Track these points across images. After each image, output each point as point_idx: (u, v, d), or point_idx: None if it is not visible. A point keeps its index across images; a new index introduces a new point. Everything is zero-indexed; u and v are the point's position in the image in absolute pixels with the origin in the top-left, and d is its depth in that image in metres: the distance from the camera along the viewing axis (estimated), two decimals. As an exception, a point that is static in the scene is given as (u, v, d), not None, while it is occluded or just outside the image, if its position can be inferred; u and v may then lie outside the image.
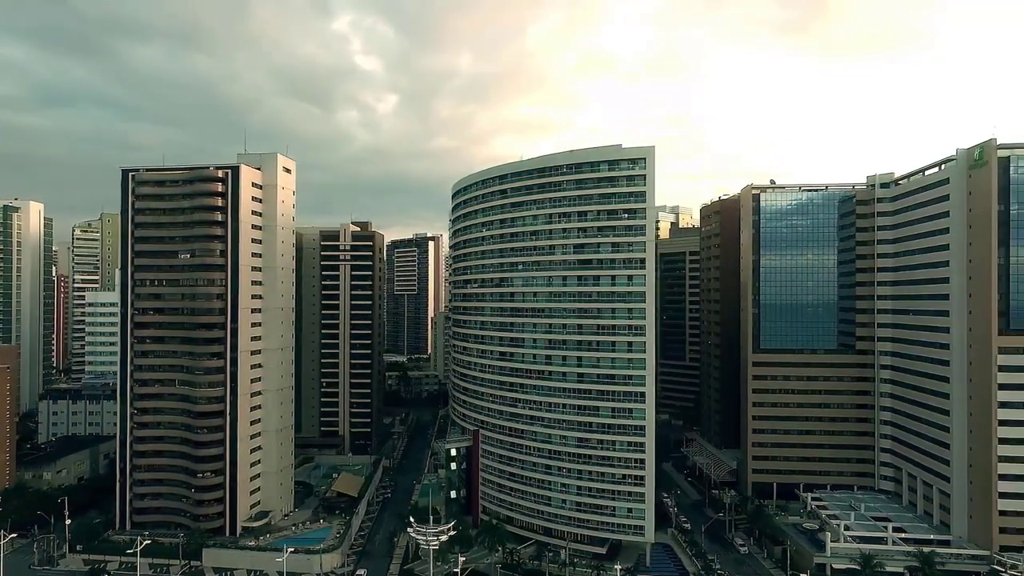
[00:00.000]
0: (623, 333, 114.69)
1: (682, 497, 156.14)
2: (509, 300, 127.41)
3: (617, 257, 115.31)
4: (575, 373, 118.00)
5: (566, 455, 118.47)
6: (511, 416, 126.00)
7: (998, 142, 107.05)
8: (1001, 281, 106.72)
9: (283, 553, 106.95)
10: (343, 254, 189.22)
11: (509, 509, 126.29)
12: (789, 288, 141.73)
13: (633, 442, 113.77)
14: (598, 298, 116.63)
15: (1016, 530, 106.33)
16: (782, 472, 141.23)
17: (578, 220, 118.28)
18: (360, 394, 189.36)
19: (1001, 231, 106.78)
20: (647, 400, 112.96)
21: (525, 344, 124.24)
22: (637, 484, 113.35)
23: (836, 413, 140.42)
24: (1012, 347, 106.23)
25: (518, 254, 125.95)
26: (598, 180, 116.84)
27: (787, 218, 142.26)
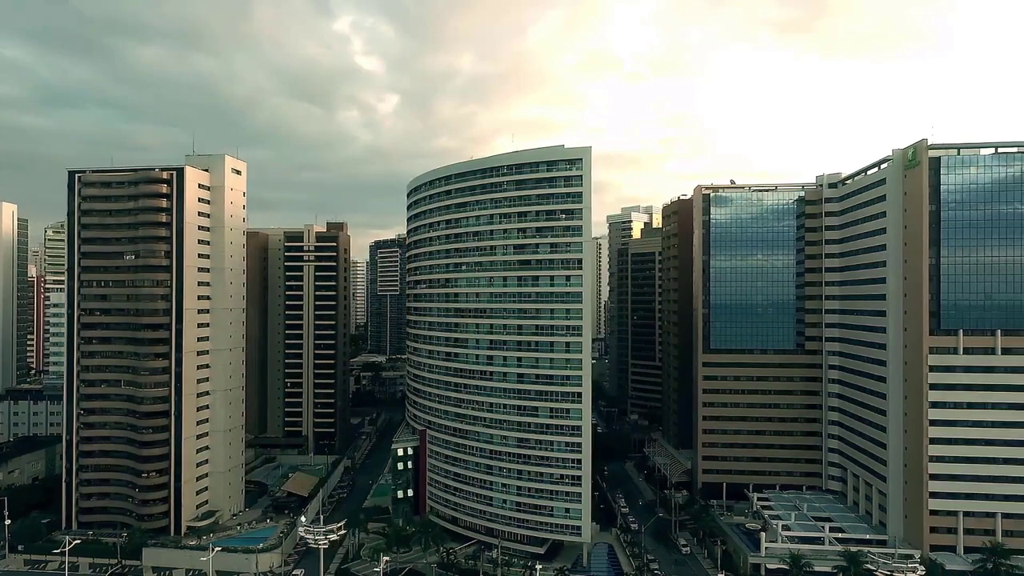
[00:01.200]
0: (560, 333, 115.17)
1: (638, 497, 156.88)
2: (454, 301, 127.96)
3: (555, 257, 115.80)
4: (515, 374, 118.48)
5: (506, 455, 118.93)
6: (455, 416, 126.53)
7: (929, 142, 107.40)
8: (932, 281, 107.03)
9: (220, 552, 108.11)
10: (307, 255, 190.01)
11: (454, 509, 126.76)
12: (739, 288, 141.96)
13: (570, 442, 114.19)
14: (536, 298, 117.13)
15: (947, 529, 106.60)
16: (732, 472, 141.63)
17: (518, 220, 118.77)
18: (324, 394, 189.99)
19: (932, 232, 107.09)
20: (583, 400, 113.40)
21: (468, 344, 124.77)
22: (574, 484, 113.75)
23: (786, 413, 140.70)
24: (942, 347, 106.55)
25: (462, 255, 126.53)
26: (537, 181, 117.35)
27: (737, 218, 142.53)
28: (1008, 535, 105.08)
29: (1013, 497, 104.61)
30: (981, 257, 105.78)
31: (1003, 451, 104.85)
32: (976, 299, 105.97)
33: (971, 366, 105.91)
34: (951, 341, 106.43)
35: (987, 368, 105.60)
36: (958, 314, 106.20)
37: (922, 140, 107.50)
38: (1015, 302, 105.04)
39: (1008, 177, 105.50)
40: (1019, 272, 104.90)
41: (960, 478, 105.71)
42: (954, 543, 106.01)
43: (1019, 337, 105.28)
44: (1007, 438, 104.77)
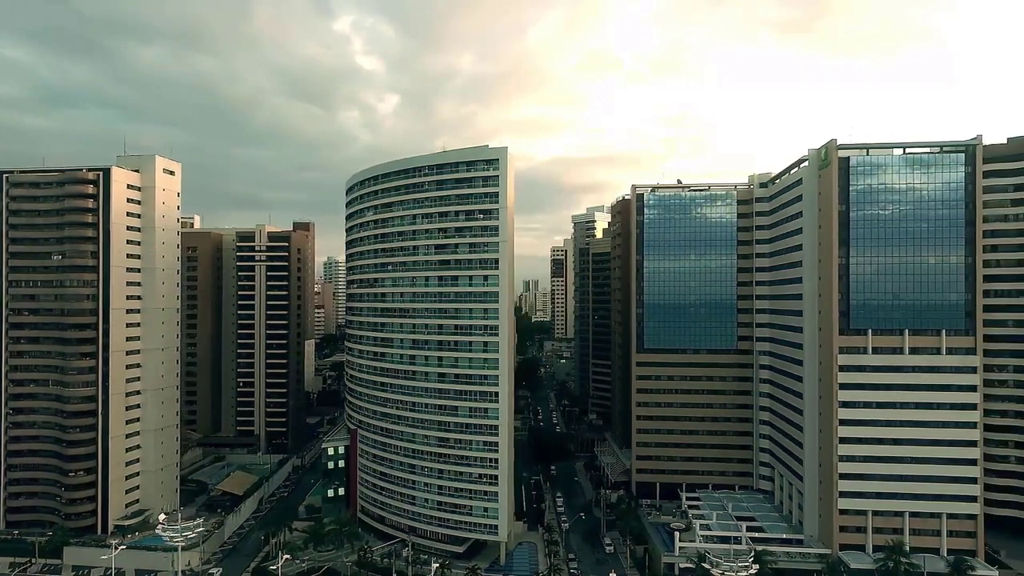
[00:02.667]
0: (478, 333, 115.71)
1: (580, 497, 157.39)
2: (380, 300, 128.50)
3: (473, 257, 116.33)
4: (436, 373, 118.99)
5: (427, 454, 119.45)
6: (382, 416, 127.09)
7: (839, 142, 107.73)
8: (842, 281, 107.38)
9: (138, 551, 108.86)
10: (258, 255, 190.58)
11: (381, 508, 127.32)
12: (672, 288, 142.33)
13: (488, 441, 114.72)
14: (455, 298, 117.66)
15: (856, 529, 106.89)
16: (665, 472, 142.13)
17: (439, 221, 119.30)
18: (276, 394, 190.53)
19: (842, 231, 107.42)
20: (500, 400, 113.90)
21: (394, 344, 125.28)
22: (491, 484, 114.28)
23: (719, 413, 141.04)
24: (852, 347, 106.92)
25: (388, 255, 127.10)
26: (456, 181, 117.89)
27: (670, 218, 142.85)
28: (915, 534, 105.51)
29: (920, 496, 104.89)
30: (889, 257, 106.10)
31: (911, 450, 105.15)
32: (885, 299, 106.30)
33: (880, 366, 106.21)
34: (860, 341, 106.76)
35: (895, 368, 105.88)
36: (867, 314, 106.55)
37: (832, 140, 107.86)
38: (922, 302, 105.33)
39: (916, 178, 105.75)
40: (926, 272, 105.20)
41: (869, 477, 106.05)
42: (864, 542, 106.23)
43: (926, 337, 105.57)
44: (914, 437, 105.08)
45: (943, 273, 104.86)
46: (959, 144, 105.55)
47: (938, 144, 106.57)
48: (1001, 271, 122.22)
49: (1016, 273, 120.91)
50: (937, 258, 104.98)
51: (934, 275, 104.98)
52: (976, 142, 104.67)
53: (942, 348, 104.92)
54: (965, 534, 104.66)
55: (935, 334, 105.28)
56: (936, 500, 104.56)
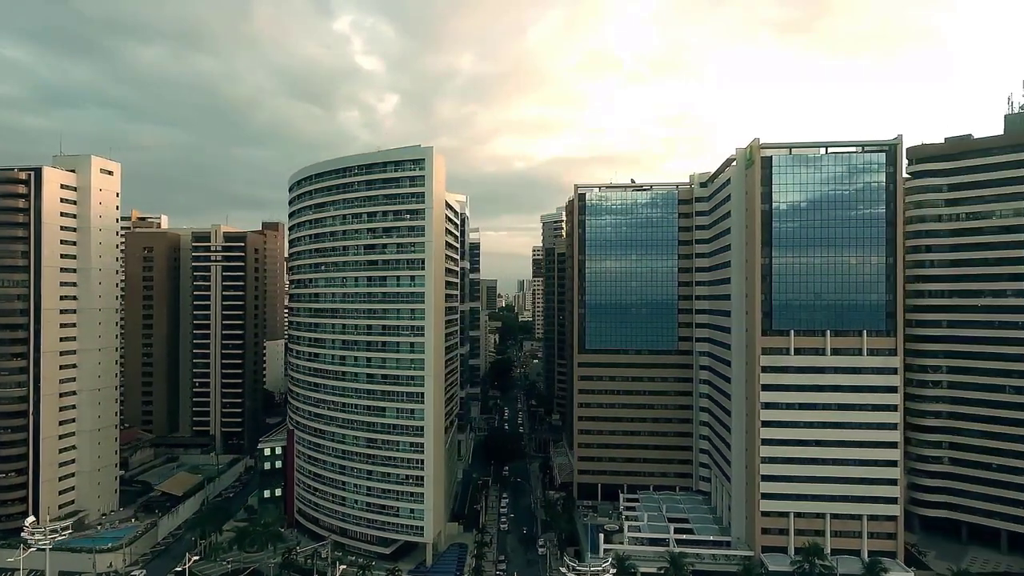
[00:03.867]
0: (405, 334, 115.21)
1: (528, 498, 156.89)
2: (314, 301, 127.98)
3: (400, 258, 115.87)
4: (364, 374, 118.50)
5: (356, 455, 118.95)
6: (315, 416, 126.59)
7: (761, 141, 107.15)
8: (765, 282, 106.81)
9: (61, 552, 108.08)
10: (214, 255, 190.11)
11: (314, 509, 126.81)
12: (614, 288, 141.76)
13: (414, 443, 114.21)
14: (383, 299, 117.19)
15: (779, 531, 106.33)
16: (607, 473, 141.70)
17: (367, 221, 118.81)
18: (232, 394, 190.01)
19: (765, 231, 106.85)
20: (426, 401, 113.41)
21: (326, 344, 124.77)
22: (417, 485, 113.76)
23: (660, 414, 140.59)
24: (775, 347, 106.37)
25: (322, 255, 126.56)
26: (384, 181, 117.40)
27: (612, 218, 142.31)
28: (837, 535, 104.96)
29: (841, 498, 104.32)
30: (811, 257, 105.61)
31: (832, 452, 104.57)
32: (807, 299, 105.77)
33: (802, 366, 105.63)
34: (783, 342, 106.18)
35: (818, 369, 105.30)
36: (789, 315, 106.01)
37: (755, 139, 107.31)
38: (844, 302, 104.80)
39: (837, 177, 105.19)
40: (848, 272, 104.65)
41: (791, 479, 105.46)
42: (786, 544, 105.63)
43: (848, 337, 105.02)
44: (836, 439, 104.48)
45: (864, 273, 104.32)
46: (881, 143, 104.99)
47: (860, 143, 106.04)
48: (935, 271, 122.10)
49: (950, 273, 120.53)
50: (858, 258, 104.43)
51: (856, 275, 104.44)
52: (896, 141, 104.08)
53: (863, 349, 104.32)
54: (886, 535, 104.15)
55: (857, 335, 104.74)
56: (857, 502, 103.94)
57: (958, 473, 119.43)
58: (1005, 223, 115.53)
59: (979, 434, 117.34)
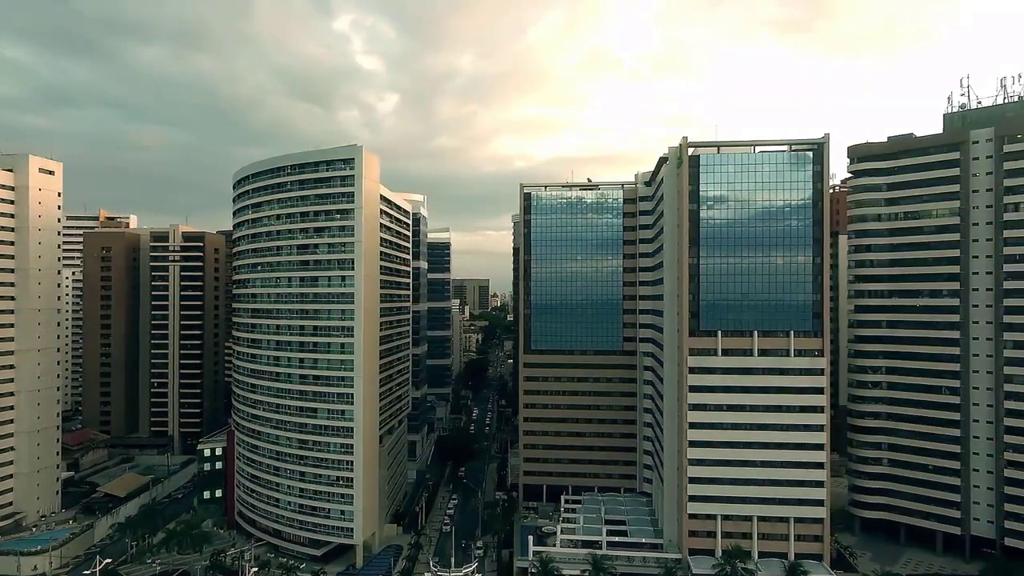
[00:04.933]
0: (336, 334, 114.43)
1: (479, 498, 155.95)
2: (252, 301, 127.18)
3: (331, 258, 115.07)
4: (297, 375, 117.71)
5: (289, 456, 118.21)
6: (252, 417, 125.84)
7: (689, 140, 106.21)
8: (693, 282, 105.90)
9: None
10: (172, 255, 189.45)
11: (251, 510, 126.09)
12: (560, 289, 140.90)
13: (344, 444, 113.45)
14: (314, 299, 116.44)
15: (707, 533, 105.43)
16: (552, 475, 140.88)
17: (300, 221, 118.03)
18: (190, 395, 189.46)
19: (693, 231, 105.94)
20: (356, 402, 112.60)
21: (262, 345, 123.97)
22: (347, 486, 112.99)
23: (605, 415, 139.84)
24: (702, 348, 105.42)
25: (259, 255, 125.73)
26: (316, 181, 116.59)
27: (558, 218, 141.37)
28: (764, 538, 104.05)
29: (768, 500, 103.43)
30: (738, 257, 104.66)
31: (759, 454, 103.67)
32: (734, 300, 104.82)
33: (730, 367, 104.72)
34: (711, 342, 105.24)
35: (745, 370, 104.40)
36: (717, 315, 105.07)
37: (684, 137, 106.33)
38: (771, 303, 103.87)
39: (765, 176, 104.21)
40: (775, 272, 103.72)
41: (718, 481, 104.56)
42: (713, 547, 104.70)
43: (775, 338, 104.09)
44: (763, 440, 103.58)
45: (791, 274, 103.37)
46: (808, 142, 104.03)
47: (788, 142, 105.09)
48: (876, 271, 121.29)
49: (889, 273, 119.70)
50: (785, 258, 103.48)
51: (783, 276, 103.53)
52: (823, 140, 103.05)
53: (790, 350, 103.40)
54: (812, 538, 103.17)
55: (784, 335, 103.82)
56: (784, 504, 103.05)
57: (895, 474, 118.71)
58: (941, 223, 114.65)
59: (916, 435, 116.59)
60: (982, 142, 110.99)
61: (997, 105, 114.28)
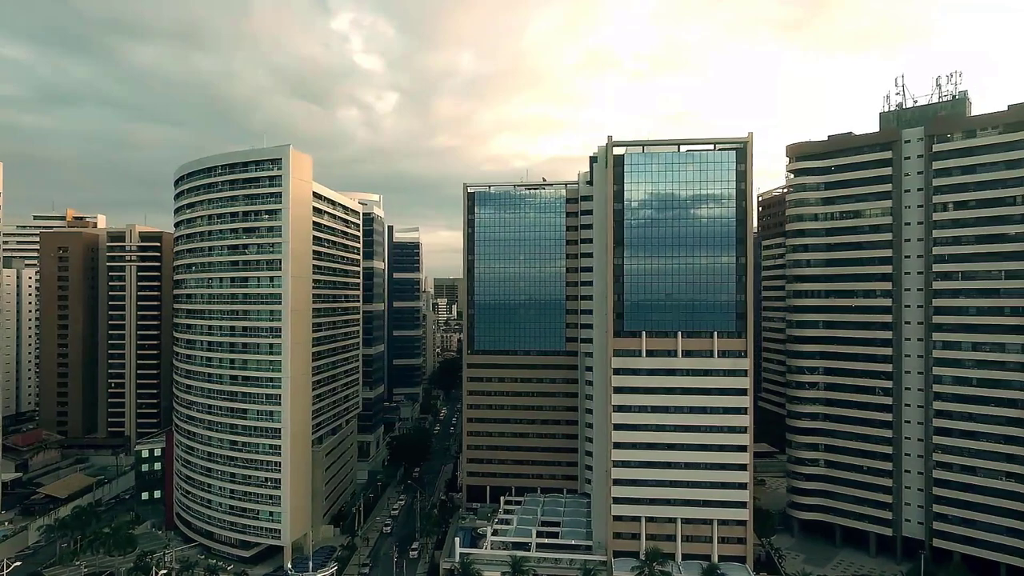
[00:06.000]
0: (264, 335, 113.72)
1: (427, 499, 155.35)
2: (187, 302, 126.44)
3: (260, 259, 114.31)
4: (228, 376, 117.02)
5: (221, 457, 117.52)
6: (187, 418, 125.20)
7: (615, 139, 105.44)
8: (618, 282, 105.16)
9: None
10: (129, 255, 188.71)
11: (186, 511, 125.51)
12: (503, 288, 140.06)
13: (272, 444, 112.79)
14: (243, 300, 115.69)
15: (631, 535, 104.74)
16: (496, 476, 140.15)
17: (230, 221, 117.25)
18: (147, 395, 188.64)
19: (617, 231, 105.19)
20: (284, 402, 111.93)
21: (196, 346, 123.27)
22: (274, 487, 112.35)
23: (548, 416, 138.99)
24: (626, 349, 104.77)
25: (193, 255, 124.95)
26: (245, 181, 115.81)
27: (501, 217, 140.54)
28: (688, 540, 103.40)
29: (692, 502, 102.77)
30: (663, 257, 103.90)
31: (683, 455, 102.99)
32: (658, 300, 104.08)
33: (654, 368, 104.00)
34: (635, 343, 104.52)
35: (669, 371, 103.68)
36: (641, 315, 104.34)
37: (609, 137, 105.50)
38: (695, 303, 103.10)
39: (689, 176, 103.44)
40: (699, 273, 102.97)
41: (642, 483, 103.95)
42: (638, 549, 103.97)
43: (699, 339, 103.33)
44: (687, 442, 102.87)
45: (715, 274, 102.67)
46: (732, 141, 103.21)
47: (712, 141, 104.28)
48: (812, 271, 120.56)
49: (825, 273, 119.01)
50: (709, 258, 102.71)
51: (706, 276, 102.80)
52: (747, 139, 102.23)
53: (714, 351, 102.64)
54: (736, 540, 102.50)
55: (708, 336, 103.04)
56: (706, 506, 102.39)
57: (831, 475, 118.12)
58: (874, 222, 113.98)
59: (850, 436, 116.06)
60: (913, 141, 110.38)
61: (931, 104, 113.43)
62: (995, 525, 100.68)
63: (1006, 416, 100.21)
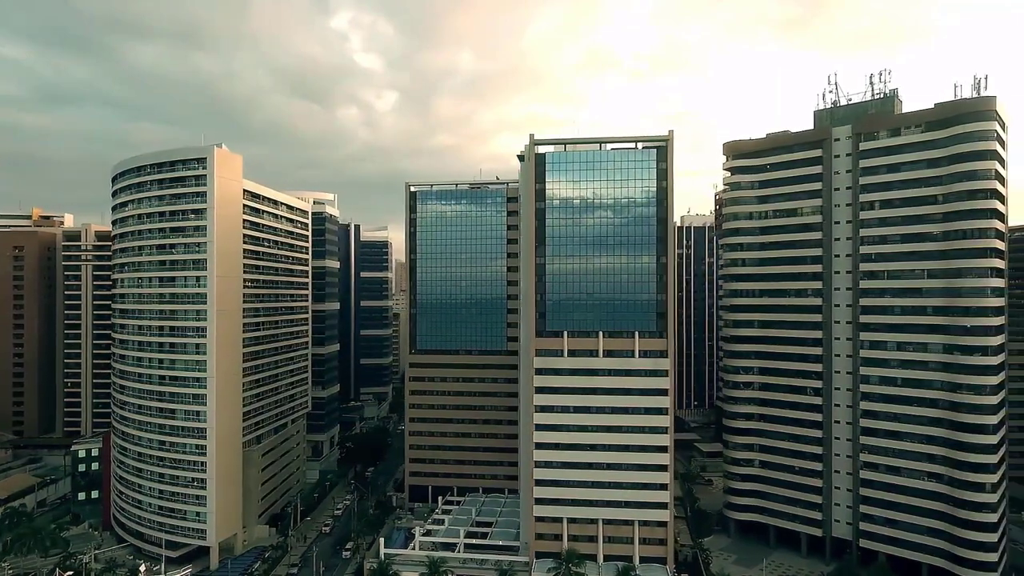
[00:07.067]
0: (191, 335, 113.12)
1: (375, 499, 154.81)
2: (120, 301, 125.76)
3: (187, 258, 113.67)
4: (157, 375, 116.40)
5: (150, 457, 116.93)
6: (120, 418, 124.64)
7: (536, 137, 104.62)
8: (540, 281, 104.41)
9: None
10: (85, 254, 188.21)
11: (120, 511, 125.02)
12: (445, 288, 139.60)
13: (198, 445, 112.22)
14: (171, 299, 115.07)
15: (554, 536, 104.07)
16: (439, 476, 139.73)
17: (158, 220, 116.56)
18: (103, 394, 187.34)
19: (539, 230, 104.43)
20: (208, 403, 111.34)
21: (128, 346, 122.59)
22: (200, 487, 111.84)
23: (490, 415, 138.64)
24: (548, 349, 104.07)
25: (125, 254, 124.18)
26: (172, 180, 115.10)
27: (444, 216, 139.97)
28: (609, 541, 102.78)
29: (614, 503, 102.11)
30: (584, 256, 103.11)
31: (605, 456, 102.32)
32: (580, 300, 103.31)
33: (576, 368, 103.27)
34: (557, 343, 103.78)
35: (591, 371, 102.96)
36: (563, 315, 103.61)
37: (530, 135, 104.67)
38: (616, 303, 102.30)
39: (610, 175, 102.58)
40: (619, 272, 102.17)
41: (564, 484, 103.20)
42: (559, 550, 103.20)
43: (620, 339, 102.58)
44: (609, 443, 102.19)
45: (636, 273, 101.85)
46: (653, 139, 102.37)
47: (635, 139, 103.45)
48: (746, 271, 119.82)
49: (759, 272, 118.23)
50: (630, 258, 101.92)
51: (627, 275, 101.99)
52: (667, 138, 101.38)
53: (635, 351, 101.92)
54: (657, 541, 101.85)
55: (629, 336, 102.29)
56: (628, 507, 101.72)
57: (766, 476, 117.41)
58: (806, 221, 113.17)
59: (784, 436, 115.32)
60: (843, 139, 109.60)
61: (862, 102, 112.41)
62: (918, 525, 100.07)
63: (928, 416, 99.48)
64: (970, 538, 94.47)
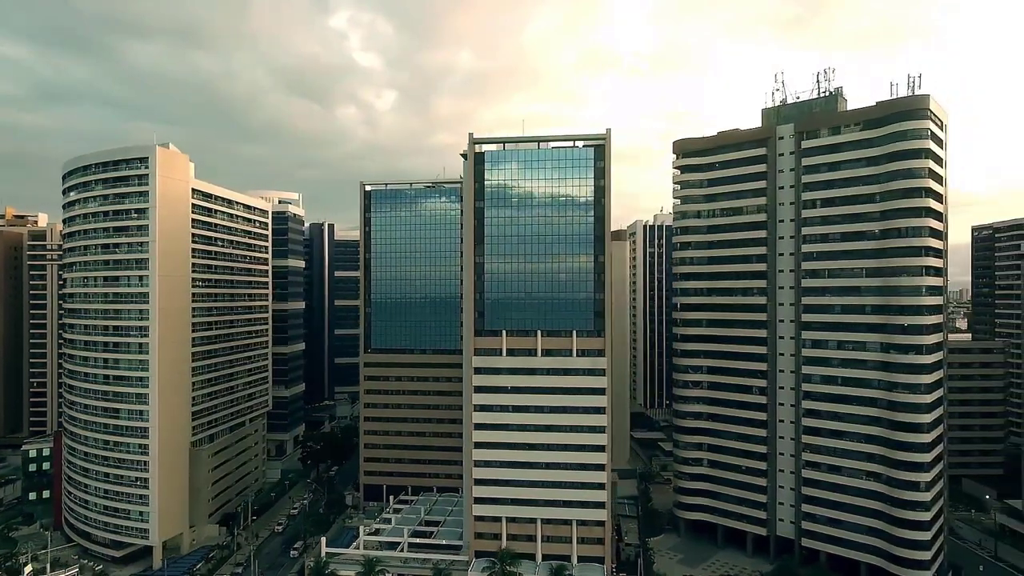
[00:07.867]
0: (134, 334, 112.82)
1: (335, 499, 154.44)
2: (68, 301, 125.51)
3: (130, 258, 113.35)
4: (101, 375, 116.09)
5: (95, 457, 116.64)
6: (69, 418, 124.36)
7: (476, 136, 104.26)
8: (479, 280, 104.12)
9: None
10: (50, 253, 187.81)
11: (68, 511, 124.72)
12: (399, 286, 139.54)
13: (141, 444, 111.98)
14: (115, 299, 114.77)
15: (493, 536, 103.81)
16: (393, 475, 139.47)
17: (104, 219, 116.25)
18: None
19: (478, 228, 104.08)
20: (151, 402, 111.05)
21: (76, 345, 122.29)
22: (143, 487, 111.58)
23: (445, 414, 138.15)
24: (487, 348, 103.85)
25: (72, 254, 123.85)
26: (116, 180, 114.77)
27: (398, 215, 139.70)
28: (548, 541, 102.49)
29: (552, 503, 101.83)
30: (522, 255, 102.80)
31: (543, 456, 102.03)
32: (519, 299, 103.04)
33: (515, 367, 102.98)
34: (496, 342, 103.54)
35: (529, 370, 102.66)
36: (501, 314, 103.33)
37: (470, 133, 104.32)
38: (554, 302, 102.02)
39: (549, 173, 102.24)
40: (557, 271, 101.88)
41: (503, 483, 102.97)
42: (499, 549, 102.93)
43: (558, 338, 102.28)
44: (547, 442, 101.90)
45: (574, 272, 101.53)
46: (591, 138, 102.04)
47: (573, 138, 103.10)
48: (695, 269, 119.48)
49: (707, 271, 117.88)
50: (567, 257, 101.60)
51: (565, 274, 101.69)
52: (604, 136, 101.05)
53: (573, 350, 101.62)
54: (595, 541, 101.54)
55: (567, 335, 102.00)
56: (566, 507, 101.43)
57: (713, 475, 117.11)
58: (751, 219, 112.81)
59: (730, 436, 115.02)
60: (786, 137, 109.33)
61: (807, 100, 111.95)
62: (857, 524, 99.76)
63: (867, 415, 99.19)
64: (905, 536, 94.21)
